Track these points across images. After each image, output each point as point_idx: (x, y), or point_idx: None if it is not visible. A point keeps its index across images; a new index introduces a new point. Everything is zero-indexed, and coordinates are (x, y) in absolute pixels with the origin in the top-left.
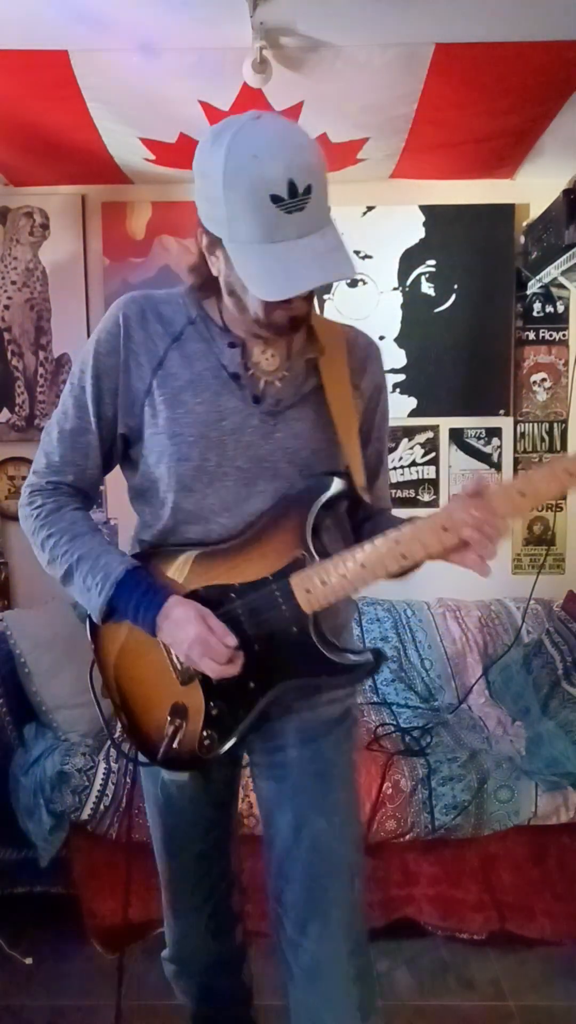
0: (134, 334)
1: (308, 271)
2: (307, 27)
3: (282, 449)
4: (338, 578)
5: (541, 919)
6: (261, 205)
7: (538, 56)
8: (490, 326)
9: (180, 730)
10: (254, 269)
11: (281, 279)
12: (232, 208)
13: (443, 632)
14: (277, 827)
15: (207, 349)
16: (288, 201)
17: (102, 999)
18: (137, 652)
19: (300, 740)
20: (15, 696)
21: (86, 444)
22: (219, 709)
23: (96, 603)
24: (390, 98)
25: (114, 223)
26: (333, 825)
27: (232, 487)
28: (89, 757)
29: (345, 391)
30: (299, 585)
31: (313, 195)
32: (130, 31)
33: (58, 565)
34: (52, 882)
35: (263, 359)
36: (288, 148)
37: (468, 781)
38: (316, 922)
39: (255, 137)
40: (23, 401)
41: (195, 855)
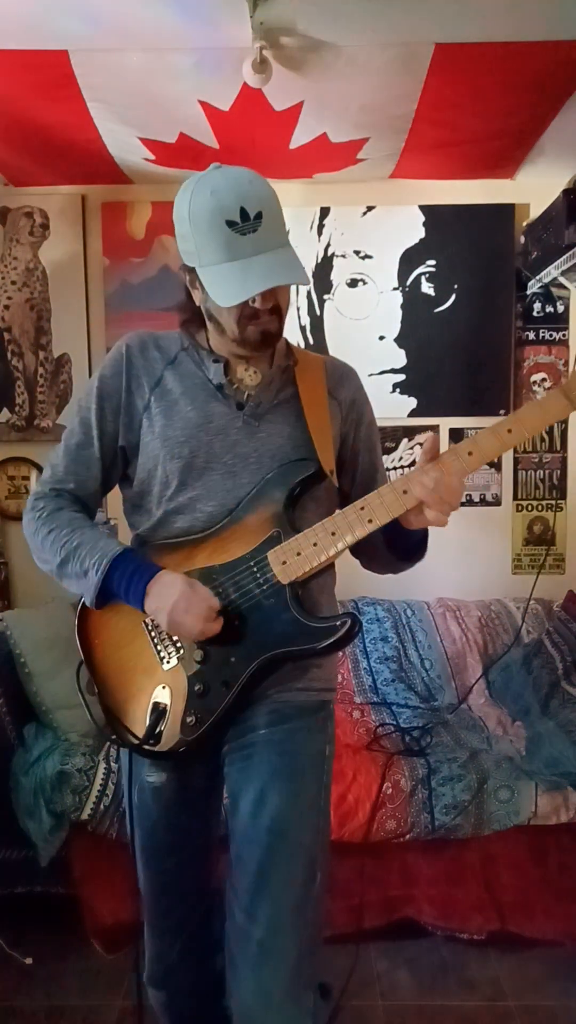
0: (135, 361)
1: (260, 278)
2: (307, 27)
3: (264, 446)
4: (310, 547)
5: (541, 919)
6: (219, 230)
7: (538, 56)
8: (490, 326)
9: (164, 714)
10: (217, 283)
11: (237, 286)
12: (198, 238)
13: (443, 632)
14: (238, 810)
15: (197, 368)
16: (241, 224)
17: (102, 999)
18: (121, 641)
19: (270, 722)
20: (15, 696)
21: (88, 456)
22: (202, 686)
23: (92, 581)
24: (390, 98)
25: (114, 223)
26: (294, 809)
27: (218, 479)
28: (89, 757)
29: (320, 396)
30: (275, 559)
31: (264, 219)
32: (130, 31)
33: (55, 556)
34: (52, 882)
35: (246, 375)
36: (239, 183)
37: (468, 781)
38: (266, 906)
39: (212, 179)
40: (23, 401)
41: (172, 866)
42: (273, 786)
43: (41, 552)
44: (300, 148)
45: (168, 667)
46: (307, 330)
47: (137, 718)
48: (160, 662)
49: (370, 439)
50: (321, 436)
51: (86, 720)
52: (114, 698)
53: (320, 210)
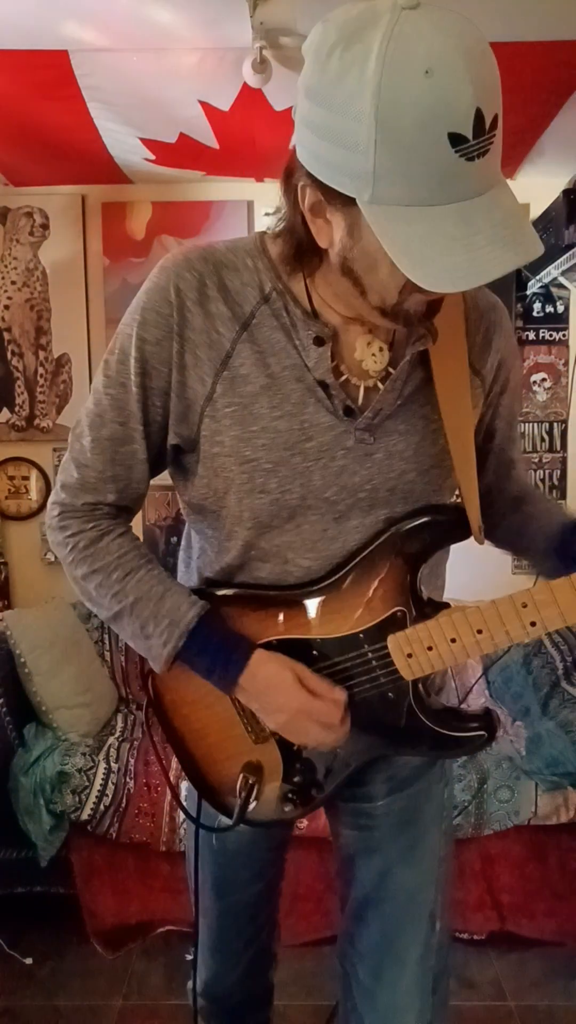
0: (191, 317)
1: (494, 249)
2: (307, 27)
3: (382, 474)
4: (446, 644)
5: (541, 919)
6: (435, 149)
7: (538, 56)
8: None
9: (254, 789)
10: (415, 245)
11: (457, 261)
12: (386, 155)
13: None
14: (359, 875)
15: (286, 341)
16: (472, 143)
17: (102, 999)
18: (199, 702)
19: (389, 789)
20: (15, 696)
21: (130, 455)
22: (302, 776)
23: (161, 654)
24: None
25: (114, 223)
26: (419, 875)
27: (318, 523)
28: (89, 757)
29: (461, 383)
30: (397, 648)
31: (498, 130)
32: (130, 31)
33: (106, 606)
34: (52, 882)
35: (367, 355)
36: (475, 59)
37: (468, 781)
38: (393, 969)
39: (423, 39)
40: (23, 401)
41: (245, 900)
42: (398, 860)
43: (82, 587)
44: None
45: (260, 742)
46: None
47: (221, 789)
48: (249, 733)
49: (511, 411)
50: (464, 456)
51: (86, 720)
52: (196, 759)
53: None
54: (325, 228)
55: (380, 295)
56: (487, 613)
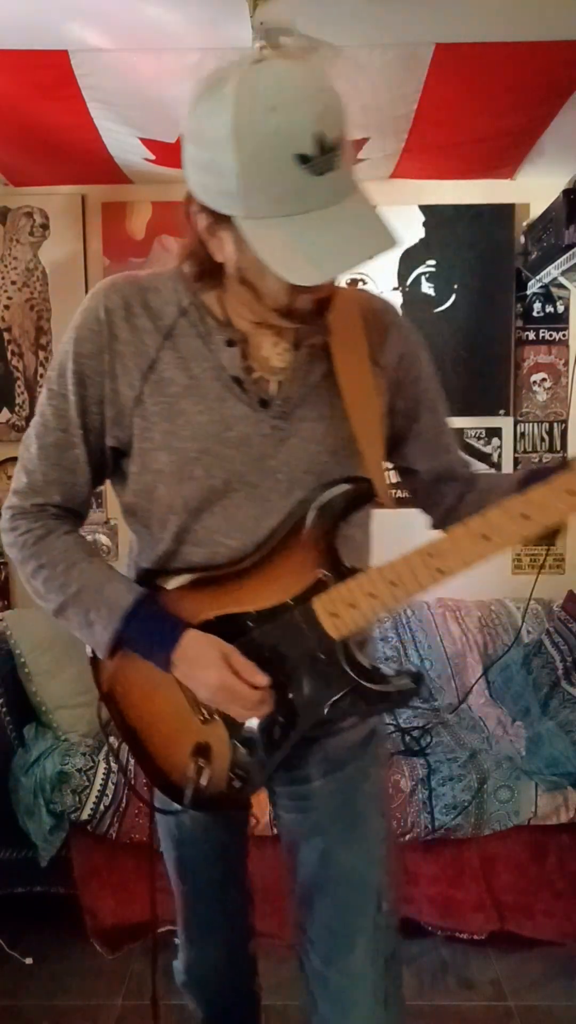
0: (119, 332)
1: (349, 245)
2: (307, 27)
3: (296, 456)
4: (366, 599)
5: (541, 919)
6: (285, 169)
7: (538, 56)
8: (490, 326)
9: (203, 771)
10: (281, 250)
11: (318, 257)
12: (248, 177)
13: (443, 632)
14: (302, 858)
15: (203, 346)
16: (318, 159)
17: (102, 999)
18: (148, 688)
19: (324, 770)
20: (15, 696)
21: (72, 460)
22: (246, 749)
23: (101, 638)
24: (390, 98)
25: (114, 223)
26: (361, 854)
27: (243, 505)
28: (89, 757)
29: (362, 373)
30: (323, 610)
31: (343, 150)
32: (130, 31)
33: (52, 599)
34: (52, 882)
35: (274, 354)
36: (312, 91)
37: (468, 781)
38: (342, 953)
39: (269, 83)
40: (23, 401)
41: (209, 880)
42: (338, 841)
43: (32, 585)
44: None
45: (207, 722)
46: None
47: (173, 774)
48: (196, 715)
49: (431, 398)
50: (370, 438)
51: (86, 720)
52: (146, 748)
53: None
54: (219, 246)
55: (273, 298)
56: (399, 566)
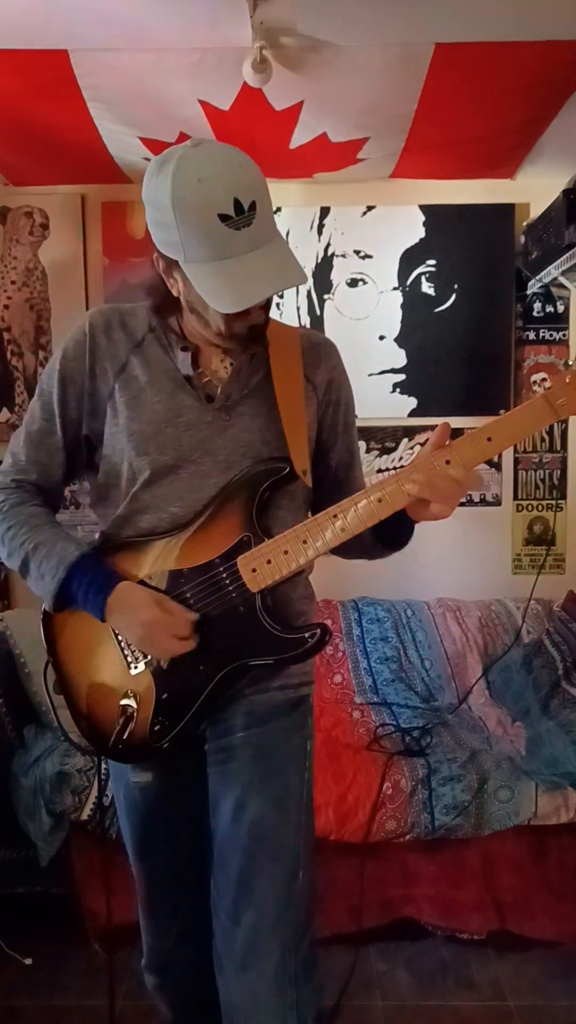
0: (99, 341)
1: (261, 282)
2: (307, 27)
3: (235, 443)
4: (281, 555)
5: (541, 919)
6: (210, 225)
7: (538, 56)
8: (490, 326)
9: (132, 720)
10: (210, 285)
11: (236, 292)
12: (184, 231)
13: (443, 632)
14: (219, 812)
15: (164, 354)
16: (235, 218)
17: (102, 999)
18: (88, 644)
19: (246, 723)
20: (15, 696)
21: (51, 445)
22: (169, 694)
23: (49, 587)
24: (390, 98)
25: (114, 223)
26: (276, 810)
27: (186, 478)
28: (89, 757)
29: (294, 382)
30: (245, 565)
31: (258, 210)
32: (130, 31)
33: (16, 556)
34: (52, 882)
35: (220, 367)
36: (230, 169)
37: (468, 781)
38: (250, 911)
39: (197, 162)
40: (23, 401)
41: (165, 858)
42: (253, 791)
43: (2, 549)
44: (300, 148)
45: (136, 672)
46: None
47: (104, 722)
48: (128, 667)
49: (347, 422)
50: (295, 430)
51: None
52: (82, 700)
53: (320, 210)
54: (173, 283)
55: (215, 324)
56: (308, 525)
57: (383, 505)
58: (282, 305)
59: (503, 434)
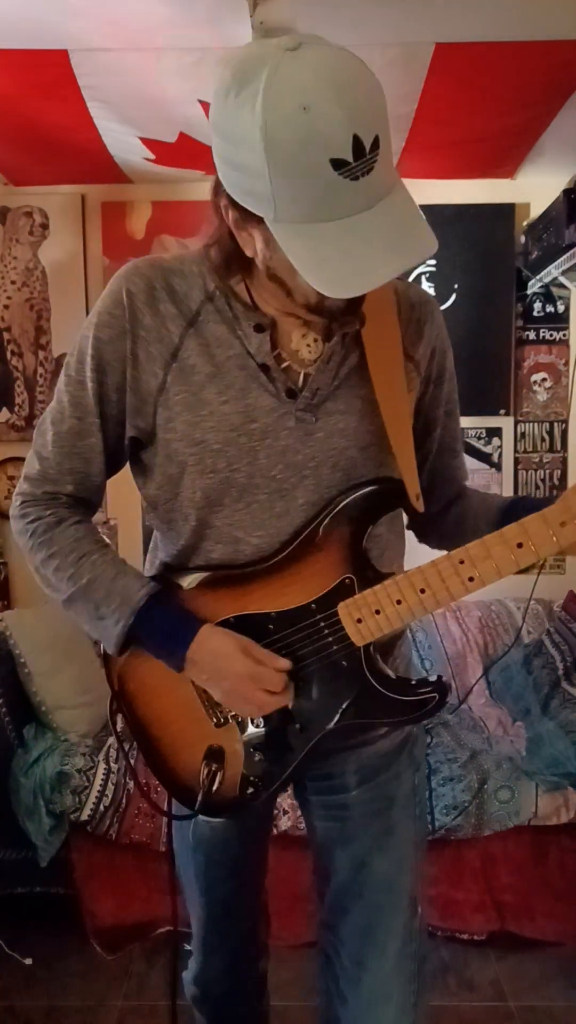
0: (142, 316)
1: (385, 255)
2: (307, 27)
3: (324, 452)
4: (392, 606)
5: (541, 919)
6: (319, 174)
7: (538, 56)
8: (490, 326)
9: (217, 776)
10: (314, 257)
11: (350, 269)
12: (278, 181)
13: (443, 632)
14: (335, 863)
15: (229, 333)
16: (354, 165)
17: (102, 999)
18: (161, 687)
19: (359, 780)
20: (15, 696)
21: (87, 448)
22: (262, 755)
23: (112, 633)
24: (390, 98)
25: (114, 223)
26: (395, 862)
27: (266, 501)
28: (89, 757)
29: (395, 366)
30: (347, 615)
31: (381, 149)
32: (130, 31)
33: (62, 589)
34: (52, 882)
35: (303, 346)
36: (348, 89)
37: (468, 781)
38: (374, 956)
39: (300, 79)
40: (23, 401)
41: (228, 893)
42: (373, 849)
43: (41, 574)
44: None
45: (221, 726)
46: None
47: (185, 777)
48: (210, 718)
49: (450, 403)
50: (401, 437)
51: (86, 720)
52: (159, 750)
53: None
54: (248, 240)
55: (304, 295)
56: (428, 573)
57: (525, 552)
58: None
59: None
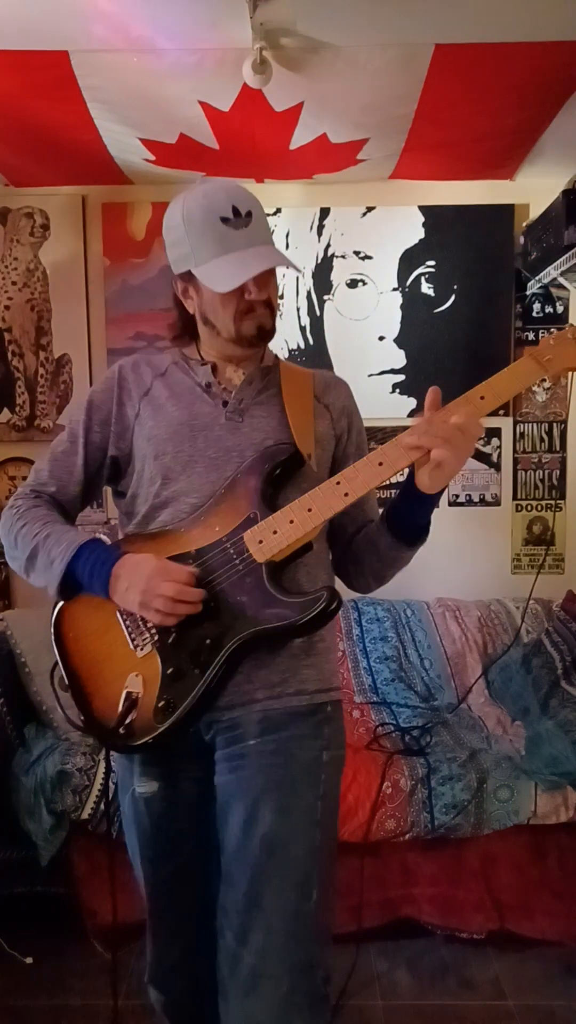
0: (127, 377)
1: (254, 262)
2: (307, 27)
3: (247, 440)
4: (287, 525)
5: (541, 919)
6: (214, 226)
7: (538, 56)
8: (490, 326)
9: (135, 702)
10: (214, 273)
11: (233, 272)
12: (193, 237)
13: (443, 632)
14: (228, 825)
15: (185, 375)
16: (234, 220)
17: (102, 999)
18: (94, 632)
19: (261, 730)
20: (15, 696)
21: (71, 463)
22: (175, 669)
23: (56, 570)
24: (390, 98)
25: (114, 224)
26: (286, 824)
27: (202, 472)
28: (89, 757)
29: (304, 395)
30: (251, 538)
31: (254, 218)
32: (130, 31)
33: (26, 547)
34: (52, 882)
35: (234, 375)
36: (228, 187)
37: (468, 781)
38: (257, 932)
39: (201, 187)
40: (23, 401)
41: (169, 872)
42: (264, 800)
43: (12, 549)
44: (300, 148)
45: (142, 654)
46: (307, 330)
47: (109, 709)
48: (134, 650)
49: (360, 446)
50: (301, 423)
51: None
52: (87, 690)
53: (320, 211)
54: (191, 301)
55: (225, 328)
56: (313, 495)
57: (385, 467)
58: (282, 307)
59: (494, 392)
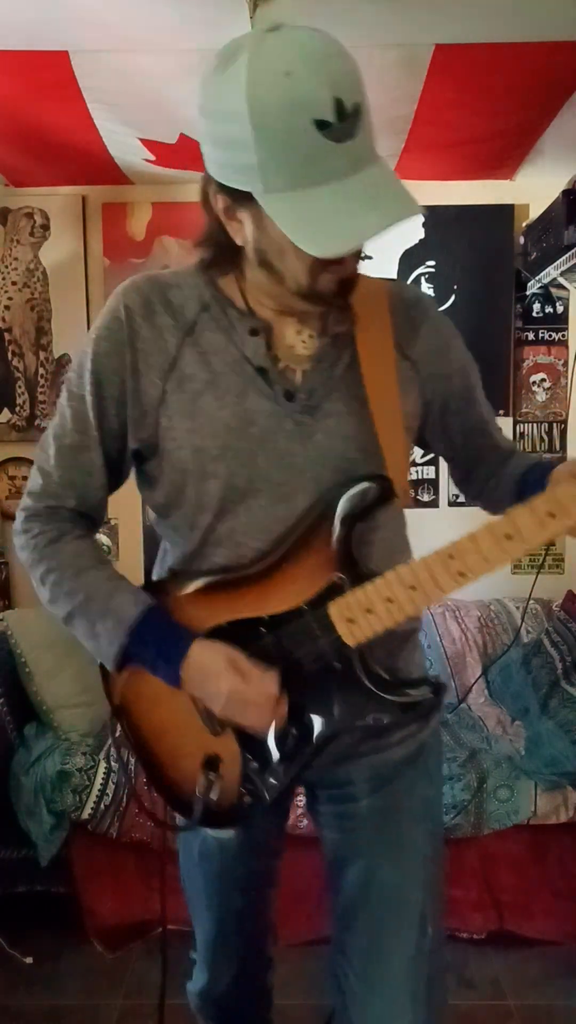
0: (139, 329)
1: (369, 214)
2: None
3: (322, 454)
4: (383, 604)
5: (541, 918)
6: (304, 135)
7: (538, 56)
8: (490, 326)
9: (214, 785)
10: (303, 221)
11: (338, 227)
12: (265, 147)
13: (443, 632)
14: (344, 877)
15: (226, 340)
16: (337, 126)
17: (102, 999)
18: (157, 699)
19: (370, 789)
20: (15, 696)
21: (88, 463)
22: (258, 764)
23: (108, 652)
24: (390, 98)
25: (114, 224)
26: (406, 874)
27: (267, 505)
28: (89, 757)
29: (387, 366)
30: (339, 615)
31: (363, 118)
32: (130, 32)
33: (60, 606)
34: (52, 882)
35: (298, 342)
36: (327, 60)
37: (467, 780)
38: (382, 975)
39: (281, 50)
40: (24, 401)
41: (235, 910)
42: (382, 860)
43: (40, 590)
44: None
45: (218, 735)
46: None
47: (185, 788)
48: (206, 727)
49: (468, 390)
50: (391, 433)
51: (86, 720)
52: (155, 759)
53: None
54: (238, 227)
55: (295, 279)
56: (417, 569)
57: (515, 543)
58: None
59: None
